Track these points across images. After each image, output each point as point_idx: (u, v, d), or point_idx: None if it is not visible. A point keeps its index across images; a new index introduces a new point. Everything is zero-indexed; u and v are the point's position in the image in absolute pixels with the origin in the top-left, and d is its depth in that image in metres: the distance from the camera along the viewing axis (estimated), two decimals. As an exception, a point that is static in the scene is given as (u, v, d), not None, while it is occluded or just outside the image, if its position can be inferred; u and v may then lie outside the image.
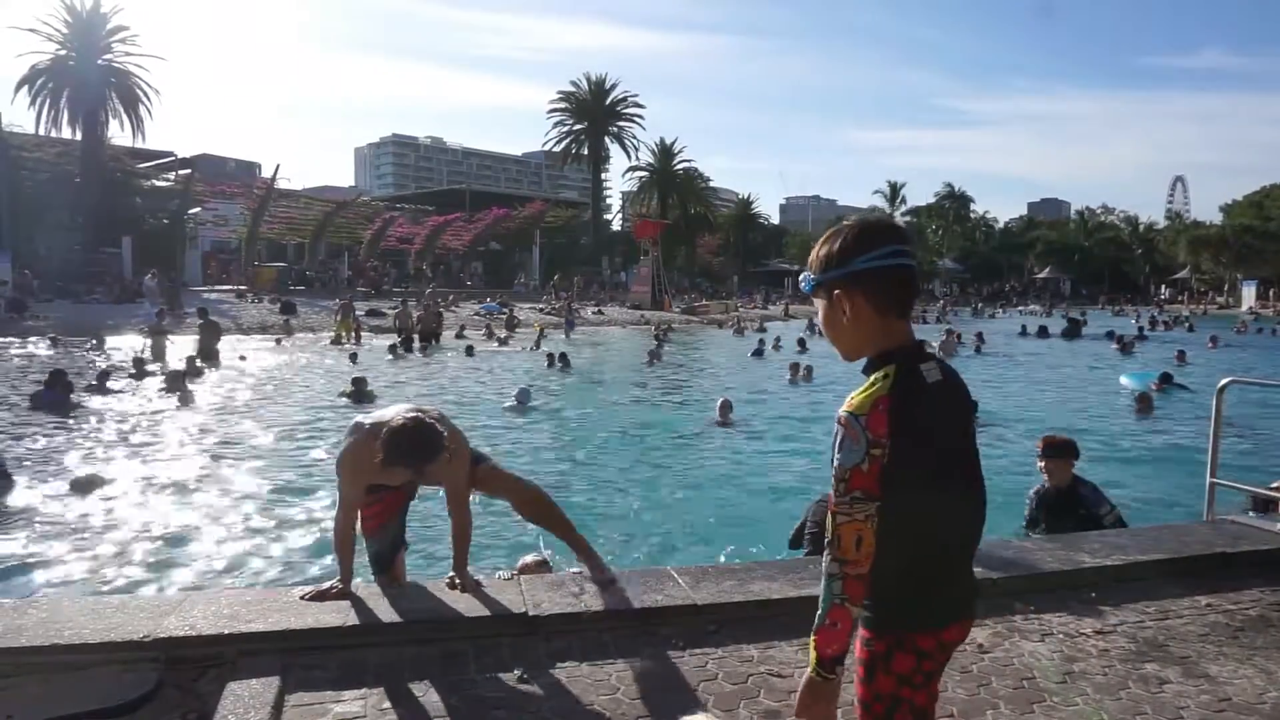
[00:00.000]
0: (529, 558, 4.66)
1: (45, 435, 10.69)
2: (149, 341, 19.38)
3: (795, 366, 18.15)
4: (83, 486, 7.90)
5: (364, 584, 3.68)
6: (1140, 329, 30.77)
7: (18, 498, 7.70)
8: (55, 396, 12.32)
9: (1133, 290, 74.19)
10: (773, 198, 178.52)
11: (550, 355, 19.98)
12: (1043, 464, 5.38)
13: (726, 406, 12.46)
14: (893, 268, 1.68)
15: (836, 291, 1.69)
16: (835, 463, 1.63)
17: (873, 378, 1.66)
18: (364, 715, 2.69)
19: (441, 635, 3.19)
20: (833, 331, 1.75)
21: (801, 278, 1.85)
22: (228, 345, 20.49)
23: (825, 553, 1.65)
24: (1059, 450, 5.35)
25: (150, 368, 16.83)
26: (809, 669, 1.67)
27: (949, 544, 1.76)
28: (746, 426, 12.35)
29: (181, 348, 19.72)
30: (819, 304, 1.77)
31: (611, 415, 13.80)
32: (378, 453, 3.36)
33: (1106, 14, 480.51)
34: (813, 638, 1.66)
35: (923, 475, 1.64)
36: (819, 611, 1.65)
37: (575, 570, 4.14)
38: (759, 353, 23.07)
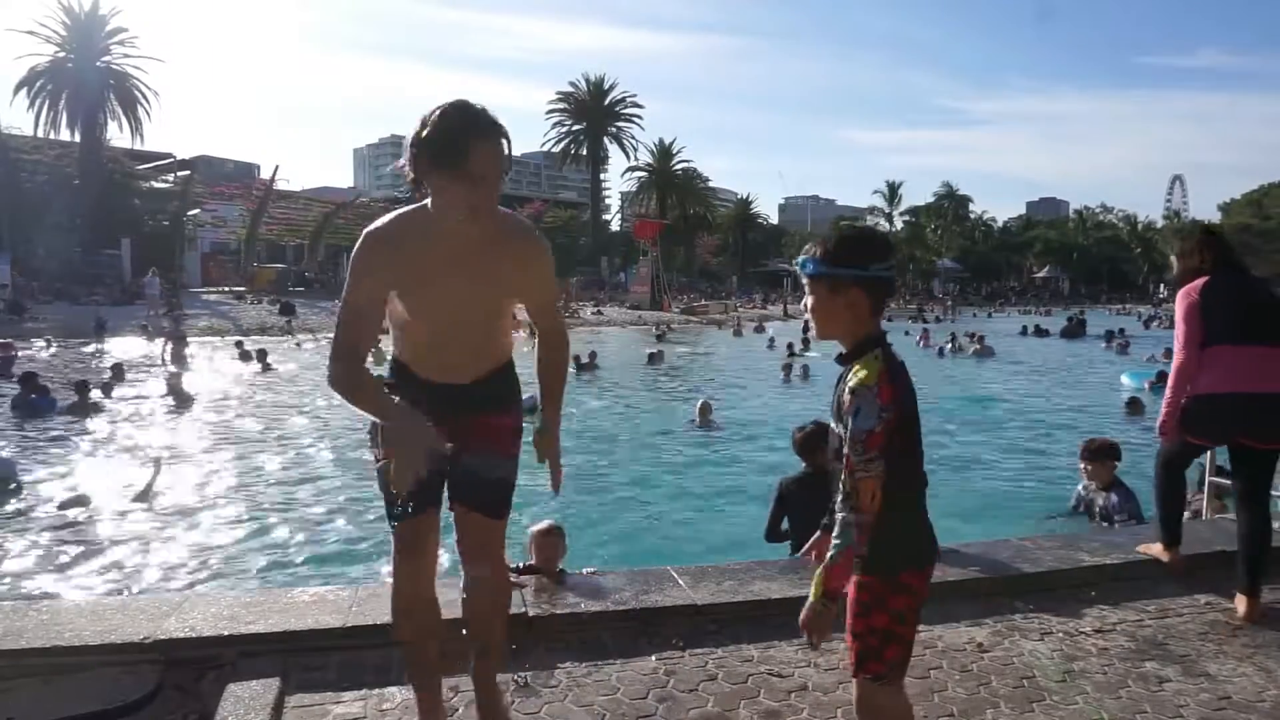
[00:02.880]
0: (539, 525, 4.41)
1: (45, 439, 10.69)
2: (169, 346, 18.99)
3: (788, 367, 18.15)
4: (72, 505, 7.59)
5: (362, 586, 3.68)
6: (1122, 329, 30.70)
7: (18, 501, 7.70)
8: (36, 400, 12.20)
9: (1132, 289, 74.31)
10: (772, 198, 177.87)
11: (576, 356, 18.81)
12: (1084, 466, 5.72)
13: (706, 408, 12.49)
14: (890, 279, 2.04)
15: (850, 287, 1.97)
16: (851, 428, 1.91)
17: (865, 359, 1.96)
18: (364, 716, 2.69)
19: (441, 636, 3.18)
20: (826, 315, 2.04)
21: (803, 261, 2.03)
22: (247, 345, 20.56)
23: (842, 503, 1.94)
24: (1094, 454, 5.79)
25: (149, 372, 16.82)
26: (814, 599, 1.95)
27: (922, 494, 2.09)
28: (740, 427, 12.36)
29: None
30: (814, 286, 2.03)
31: (612, 416, 13.80)
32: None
33: (1105, 14, 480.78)
34: (822, 574, 1.94)
35: (909, 437, 1.99)
36: (832, 553, 1.93)
37: (576, 571, 4.14)
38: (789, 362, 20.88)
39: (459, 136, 2.09)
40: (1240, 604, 3.60)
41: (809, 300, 2.06)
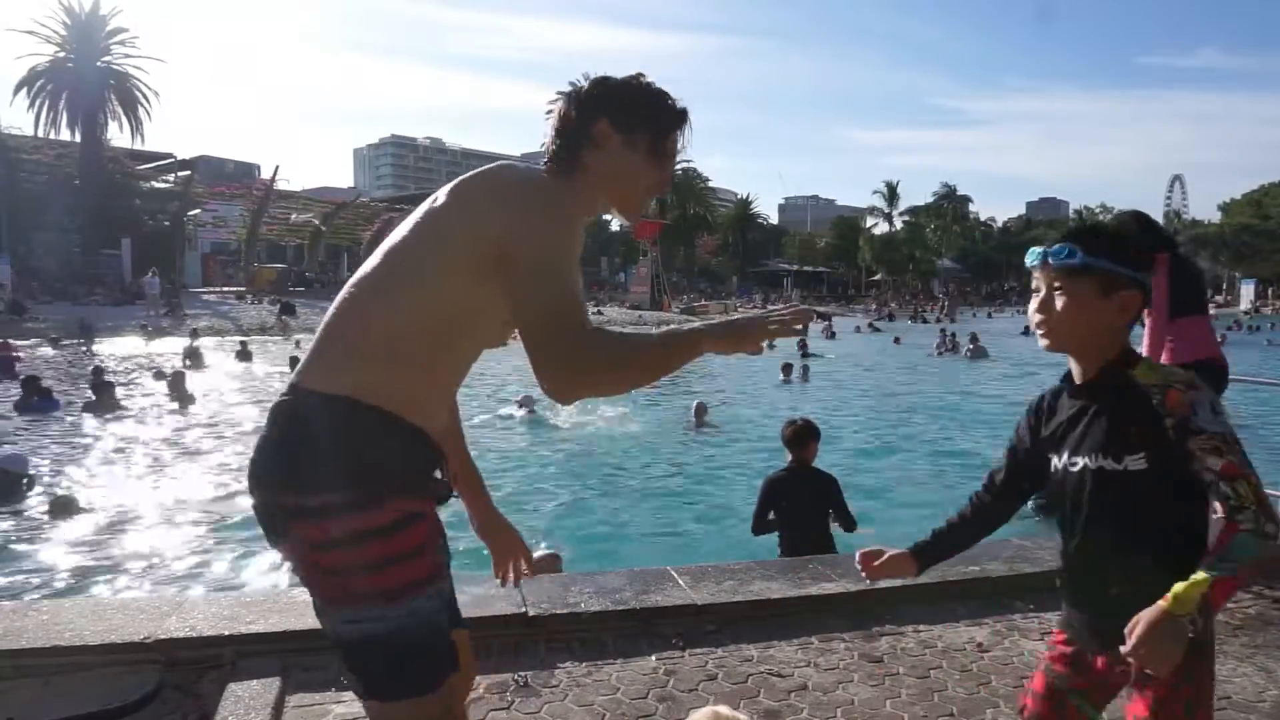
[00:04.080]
0: (537, 552, 4.52)
1: (50, 439, 10.69)
2: (188, 361, 18.74)
3: (788, 367, 18.09)
4: (62, 508, 7.38)
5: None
6: None
7: (24, 500, 7.70)
8: (39, 402, 12.24)
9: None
10: (772, 198, 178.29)
11: None
12: None
13: (702, 409, 12.49)
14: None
15: (1129, 289, 1.60)
16: (1211, 432, 1.49)
17: (1146, 365, 1.62)
18: (364, 717, 2.68)
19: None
20: (1082, 318, 1.60)
21: (1064, 249, 1.59)
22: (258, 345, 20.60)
23: (1249, 515, 1.43)
24: None
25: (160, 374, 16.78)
26: (1177, 608, 1.36)
27: None
28: (740, 427, 12.36)
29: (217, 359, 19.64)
30: (1071, 283, 1.59)
31: (612, 416, 13.79)
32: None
33: (1105, 13, 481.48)
34: (1209, 582, 1.37)
35: None
36: (1228, 561, 1.41)
37: (577, 571, 4.14)
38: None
39: (673, 107, 1.68)
40: None
41: (1059, 301, 1.60)
